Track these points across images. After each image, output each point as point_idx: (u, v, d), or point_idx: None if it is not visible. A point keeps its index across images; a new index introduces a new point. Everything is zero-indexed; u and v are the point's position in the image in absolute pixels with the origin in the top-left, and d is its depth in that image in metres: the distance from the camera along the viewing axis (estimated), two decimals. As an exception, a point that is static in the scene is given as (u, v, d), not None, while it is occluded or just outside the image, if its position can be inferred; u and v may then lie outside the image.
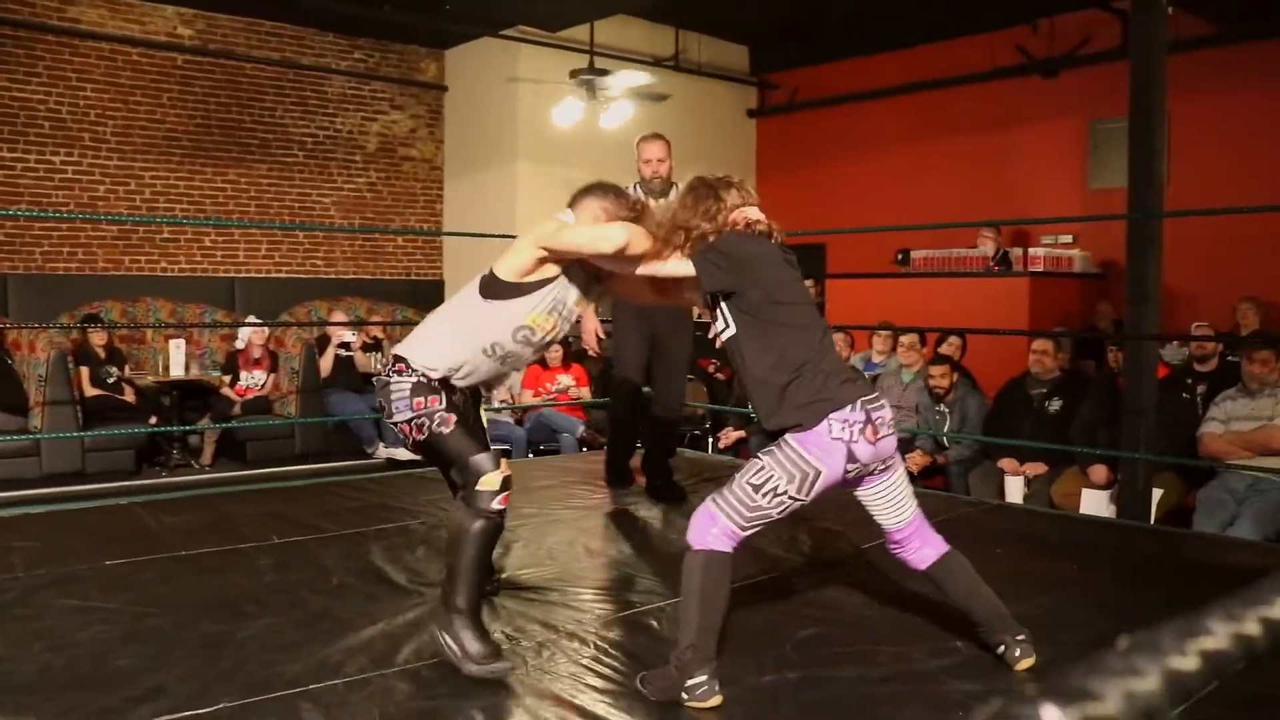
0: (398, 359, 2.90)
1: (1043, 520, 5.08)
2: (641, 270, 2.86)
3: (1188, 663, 0.38)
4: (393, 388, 2.86)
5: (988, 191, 9.51)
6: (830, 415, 2.61)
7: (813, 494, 2.64)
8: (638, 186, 4.66)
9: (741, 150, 11.79)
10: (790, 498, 2.62)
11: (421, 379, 2.85)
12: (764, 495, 2.61)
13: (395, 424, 2.91)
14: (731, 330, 2.76)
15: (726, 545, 2.64)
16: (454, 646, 2.73)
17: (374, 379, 2.96)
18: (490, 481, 2.75)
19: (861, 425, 2.63)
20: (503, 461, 2.82)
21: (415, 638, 3.03)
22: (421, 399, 2.82)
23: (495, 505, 2.76)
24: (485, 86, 10.25)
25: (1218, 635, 0.40)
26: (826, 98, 11.06)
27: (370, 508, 4.79)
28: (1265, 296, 7.83)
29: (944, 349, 7.04)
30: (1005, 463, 6.23)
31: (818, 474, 2.61)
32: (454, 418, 2.81)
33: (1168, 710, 0.36)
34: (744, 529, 2.64)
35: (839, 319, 8.27)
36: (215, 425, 8.00)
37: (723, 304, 2.78)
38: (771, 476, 2.60)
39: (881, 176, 10.58)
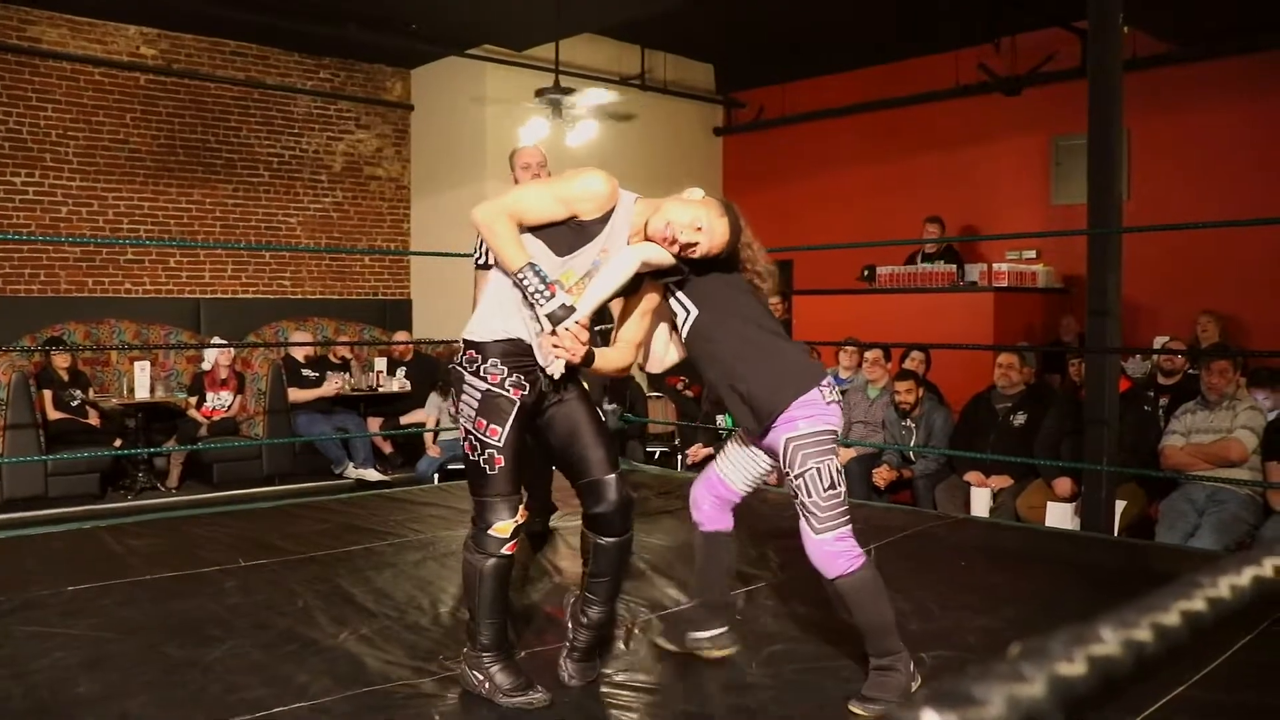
0: (467, 344, 2.75)
1: (1008, 533, 5.13)
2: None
3: (1075, 669, 0.39)
4: (465, 387, 2.72)
5: (952, 208, 9.60)
6: (819, 385, 2.76)
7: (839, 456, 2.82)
8: None
9: (707, 168, 11.85)
10: (839, 469, 2.74)
11: (492, 388, 2.68)
12: (840, 486, 2.71)
13: (457, 421, 2.78)
14: (695, 313, 2.80)
15: (856, 549, 2.71)
16: (481, 681, 2.74)
17: (450, 366, 2.84)
18: (503, 530, 2.71)
19: (832, 386, 2.81)
20: (520, 509, 2.76)
21: (381, 659, 3.02)
22: (484, 421, 2.68)
23: (504, 551, 2.74)
24: (451, 105, 10.26)
25: (1108, 642, 0.42)
26: (792, 115, 11.15)
27: (337, 529, 4.77)
28: (1223, 309, 7.96)
29: (908, 364, 7.10)
30: (971, 476, 6.29)
31: (835, 435, 2.76)
32: (503, 460, 2.68)
33: (1052, 715, 0.37)
34: (849, 522, 2.73)
35: (805, 335, 8.32)
36: (181, 447, 7.94)
37: (678, 293, 2.84)
38: (830, 467, 2.68)
39: (847, 193, 10.67)
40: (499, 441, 2.68)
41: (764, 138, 11.57)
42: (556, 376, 2.72)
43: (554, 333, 2.60)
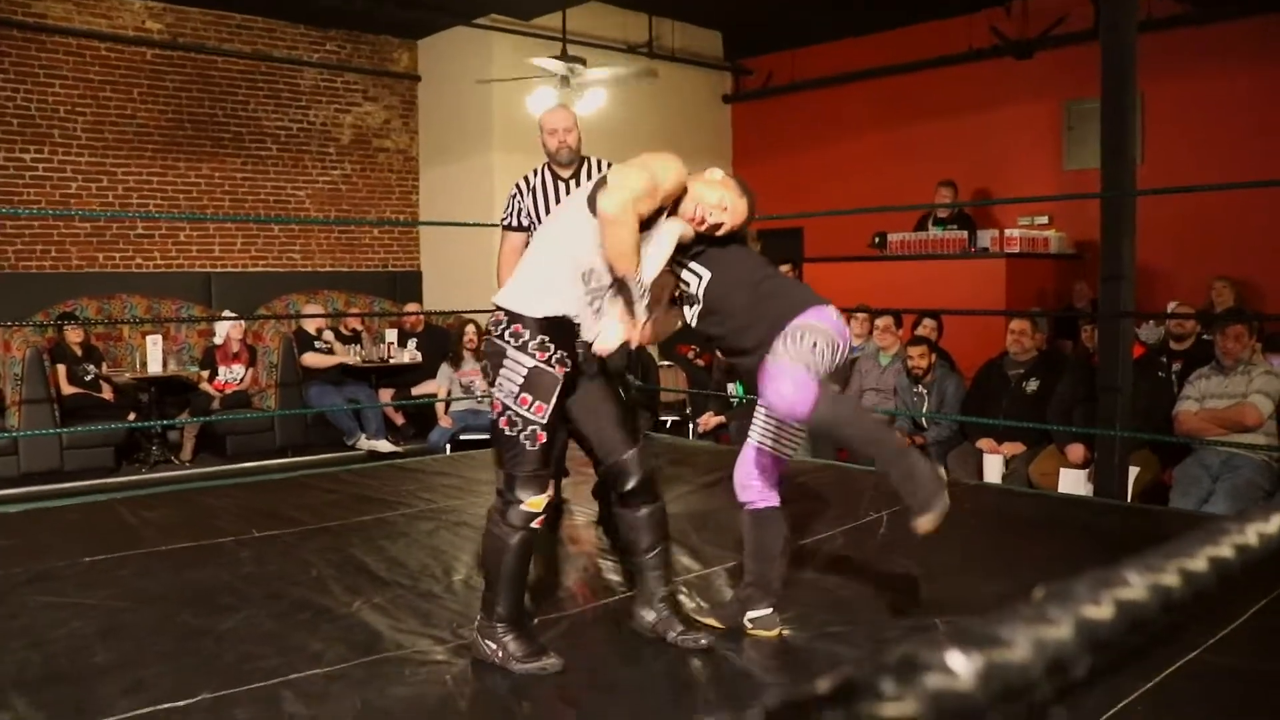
0: (512, 317, 2.72)
1: (1020, 499, 5.12)
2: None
3: (1102, 612, 0.39)
4: (508, 362, 2.70)
5: (963, 174, 9.53)
6: (828, 306, 2.83)
7: (831, 367, 2.72)
8: (547, 166, 4.44)
9: (717, 136, 11.79)
10: (832, 354, 2.70)
11: (540, 365, 2.68)
12: (826, 357, 2.67)
13: (492, 395, 2.77)
14: (707, 276, 2.86)
15: (815, 389, 2.65)
16: (494, 650, 2.75)
17: (486, 338, 2.82)
18: (536, 505, 2.73)
19: (839, 315, 2.85)
20: (550, 484, 2.80)
21: (395, 627, 3.03)
22: (530, 397, 2.67)
23: (532, 525, 2.76)
24: (458, 76, 10.21)
25: (1134, 586, 0.41)
26: (801, 82, 11.06)
27: (350, 500, 4.79)
28: (1238, 274, 7.90)
29: (920, 331, 7.08)
30: (983, 442, 6.27)
31: (838, 347, 2.72)
32: (544, 436, 2.70)
33: (1079, 657, 0.36)
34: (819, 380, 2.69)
35: (817, 303, 8.28)
36: (194, 420, 7.96)
37: (690, 263, 2.90)
38: (825, 346, 2.66)
39: (857, 160, 10.60)
40: (543, 419, 2.69)
41: (773, 105, 11.50)
42: (604, 355, 2.75)
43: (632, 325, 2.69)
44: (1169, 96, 8.46)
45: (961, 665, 0.35)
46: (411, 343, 9.13)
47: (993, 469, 6.17)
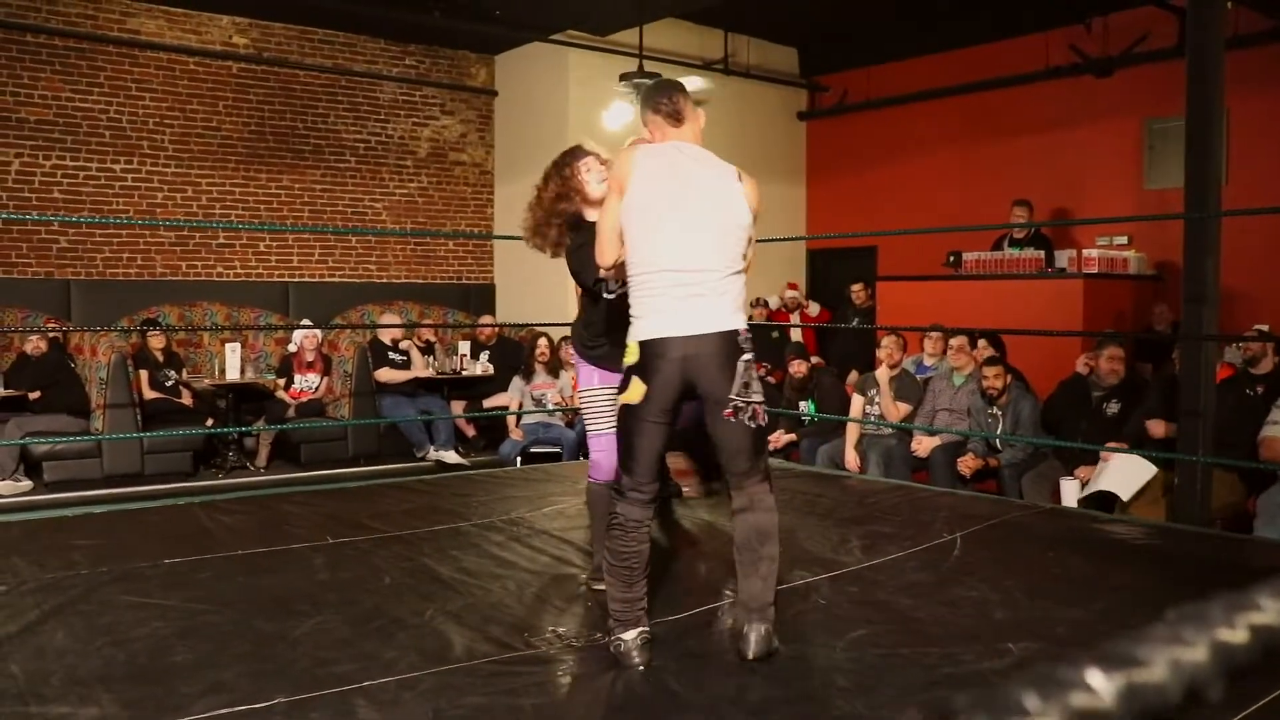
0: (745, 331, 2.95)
1: (1097, 523, 5.00)
2: None
3: (1236, 636, 0.38)
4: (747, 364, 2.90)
5: (1041, 193, 9.39)
6: None
7: None
8: None
9: (791, 153, 11.75)
10: None
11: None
12: None
13: (749, 402, 2.86)
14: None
15: None
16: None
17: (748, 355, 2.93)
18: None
19: None
20: None
21: (467, 636, 3.05)
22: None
23: None
24: (535, 91, 10.31)
25: (1268, 611, 0.40)
26: (877, 99, 10.99)
27: (423, 509, 4.84)
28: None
29: (976, 351, 6.96)
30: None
31: None
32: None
33: (1214, 680, 0.36)
34: None
35: (890, 320, 8.22)
36: (270, 427, 8.11)
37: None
38: None
39: (933, 178, 10.50)
40: None
41: (848, 122, 11.43)
42: None
43: None
44: (1255, 114, 8.26)
45: (1102, 684, 0.35)
46: (484, 355, 9.21)
47: (1069, 492, 6.05)
